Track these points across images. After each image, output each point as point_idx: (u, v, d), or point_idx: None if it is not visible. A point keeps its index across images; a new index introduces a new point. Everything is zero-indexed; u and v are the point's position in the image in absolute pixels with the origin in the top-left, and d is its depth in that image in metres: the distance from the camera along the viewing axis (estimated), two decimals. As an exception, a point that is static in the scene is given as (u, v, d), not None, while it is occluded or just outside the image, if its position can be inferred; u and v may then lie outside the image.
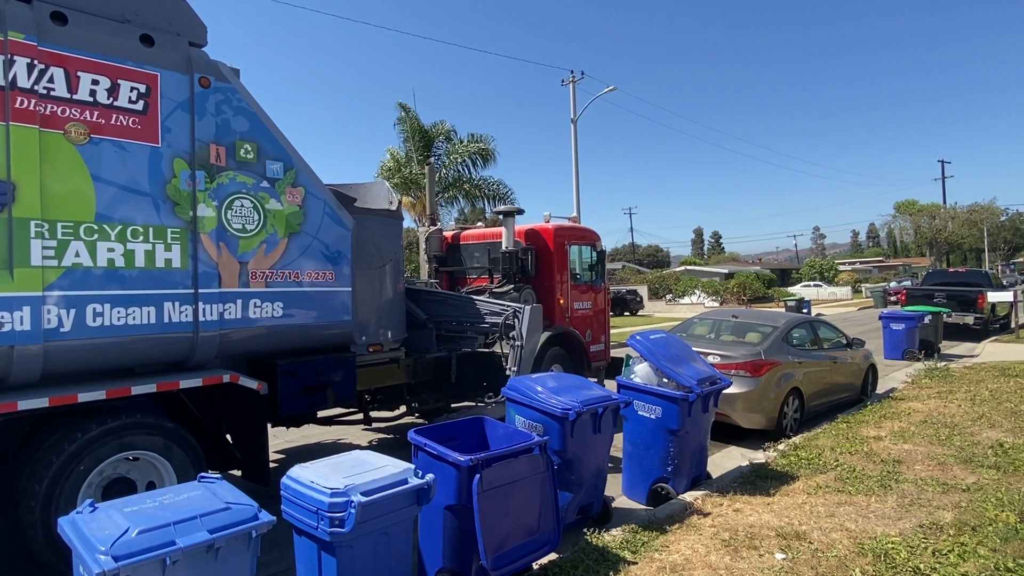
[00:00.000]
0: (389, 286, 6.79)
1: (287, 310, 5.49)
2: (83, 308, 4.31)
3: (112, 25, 4.55)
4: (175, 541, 2.61)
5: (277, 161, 5.41)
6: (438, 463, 3.85)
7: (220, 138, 5.02)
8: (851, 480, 5.99)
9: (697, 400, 5.61)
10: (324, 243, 5.77)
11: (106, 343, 4.44)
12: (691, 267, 63.93)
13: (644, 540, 4.65)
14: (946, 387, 10.64)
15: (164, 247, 4.71)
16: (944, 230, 57.19)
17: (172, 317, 4.75)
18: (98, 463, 4.32)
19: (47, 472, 4.10)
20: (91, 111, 4.37)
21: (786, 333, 8.79)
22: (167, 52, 4.78)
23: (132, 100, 4.56)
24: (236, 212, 5.13)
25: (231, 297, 5.10)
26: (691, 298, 43.14)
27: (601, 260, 10.42)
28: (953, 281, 21.38)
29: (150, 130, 4.65)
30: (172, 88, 4.77)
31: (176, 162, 4.78)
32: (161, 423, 4.65)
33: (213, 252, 4.97)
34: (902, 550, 4.45)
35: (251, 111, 5.26)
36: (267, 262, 5.34)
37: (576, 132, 26.06)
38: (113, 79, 4.47)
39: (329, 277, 5.83)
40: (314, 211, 5.69)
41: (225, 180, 5.06)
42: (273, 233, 5.38)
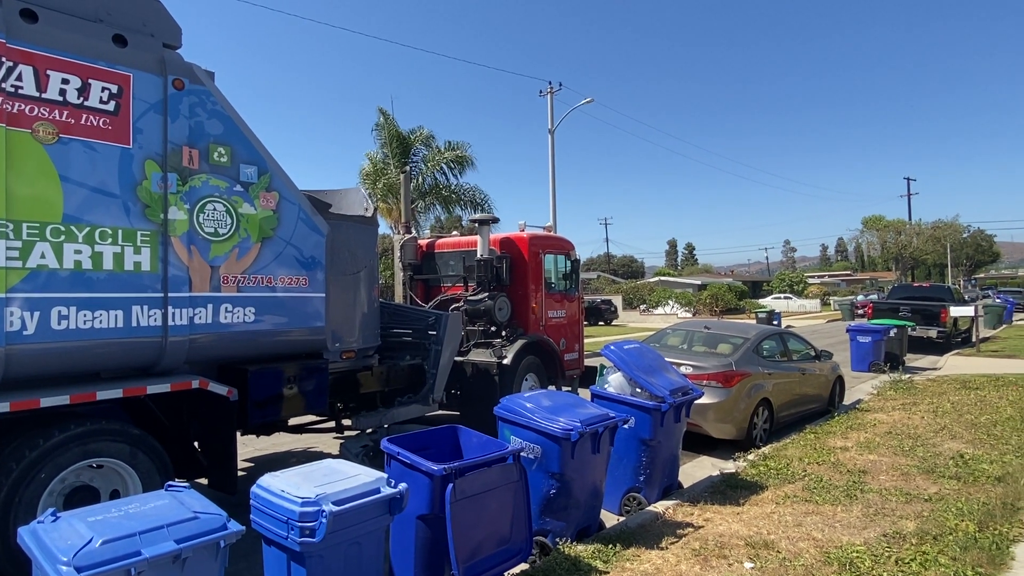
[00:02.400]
0: (363, 293, 6.73)
1: (259, 315, 5.41)
2: (48, 311, 4.20)
3: (84, 24, 4.48)
4: (140, 551, 2.55)
5: (251, 165, 5.36)
6: (411, 472, 3.83)
7: (193, 141, 4.97)
8: (818, 490, 6.10)
9: (669, 410, 5.67)
10: (298, 248, 5.73)
11: (71, 347, 4.33)
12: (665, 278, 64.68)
13: (616, 550, 4.67)
14: (910, 399, 10.90)
15: (133, 250, 4.63)
16: (909, 245, 58.74)
17: (140, 321, 4.66)
18: (60, 471, 4.21)
19: (6, 480, 3.96)
20: (60, 111, 4.29)
21: (756, 345, 8.93)
22: (140, 53, 4.71)
23: (103, 100, 4.48)
24: (208, 216, 5.07)
25: (202, 302, 5.02)
26: (665, 309, 43.62)
27: (575, 269, 10.46)
28: (917, 295, 21.95)
29: (121, 131, 4.58)
30: (145, 89, 4.70)
31: (148, 164, 4.71)
32: (127, 429, 4.54)
33: (184, 256, 4.90)
34: (867, 559, 4.54)
35: (225, 114, 5.20)
36: (239, 267, 5.27)
37: (553, 142, 26.25)
38: (84, 79, 4.39)
39: (302, 283, 5.78)
40: (288, 216, 5.64)
41: (198, 183, 4.99)
42: (246, 237, 5.32)
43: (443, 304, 9.56)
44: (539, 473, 4.69)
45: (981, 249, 69.57)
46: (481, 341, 9.00)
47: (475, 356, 8.73)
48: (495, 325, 9.07)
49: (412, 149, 24.23)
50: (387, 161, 23.91)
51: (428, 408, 7.52)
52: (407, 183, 12.30)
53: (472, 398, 8.59)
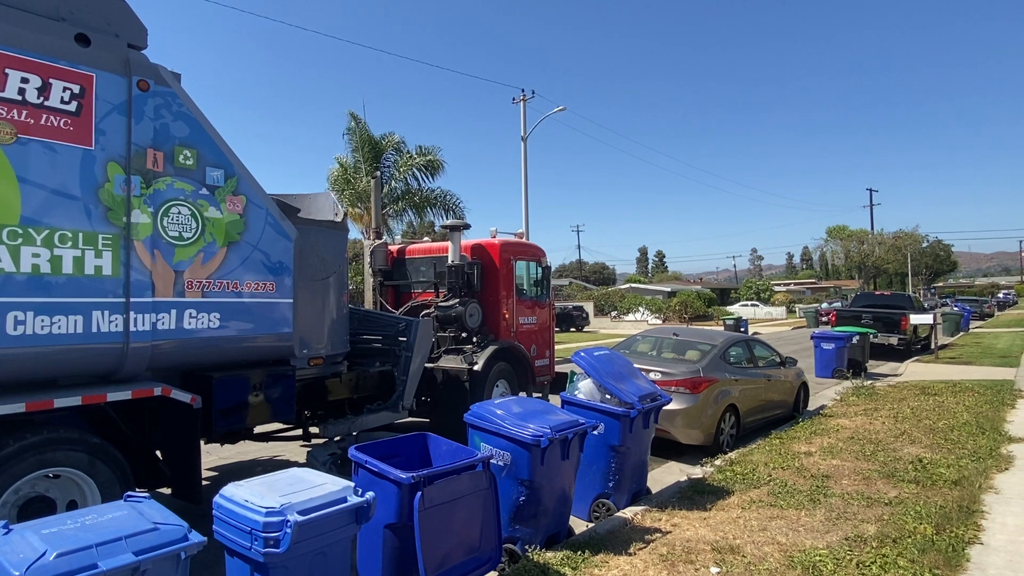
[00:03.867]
0: (332, 299, 6.67)
1: (224, 321, 5.34)
2: (3, 316, 4.10)
3: (45, 23, 4.39)
4: (97, 564, 2.47)
5: (218, 168, 5.29)
6: (379, 480, 3.79)
7: (158, 143, 4.89)
8: (783, 495, 6.20)
9: (638, 416, 5.72)
10: (265, 253, 5.66)
11: (28, 353, 4.22)
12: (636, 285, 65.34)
13: (584, 557, 4.68)
14: (872, 405, 11.17)
15: (95, 254, 4.53)
16: (872, 255, 60.40)
17: (101, 327, 4.56)
18: (14, 481, 4.07)
19: None
20: (19, 110, 4.19)
21: (724, 351, 9.06)
22: (104, 53, 4.63)
23: (64, 100, 4.39)
24: (173, 219, 4.99)
25: (165, 307, 4.94)
26: (635, 315, 44.04)
27: (546, 276, 10.52)
28: (879, 303, 22.50)
29: (83, 132, 4.49)
30: (108, 90, 4.62)
31: (110, 166, 4.62)
32: (85, 438, 4.42)
33: (147, 260, 4.82)
34: (829, 562, 4.63)
35: (192, 116, 5.13)
36: (204, 271, 5.20)
37: (526, 150, 26.35)
38: (44, 78, 4.30)
39: (269, 288, 5.71)
40: (255, 220, 5.58)
41: (162, 186, 4.91)
42: (212, 242, 5.25)
43: (414, 310, 9.52)
44: (509, 480, 4.69)
45: (940, 259, 71.84)
46: (452, 347, 8.96)
47: (446, 363, 8.68)
48: (466, 331, 9.04)
49: (383, 154, 24.07)
50: (358, 166, 23.71)
51: (398, 415, 7.47)
52: (378, 188, 12.25)
53: (442, 405, 8.54)
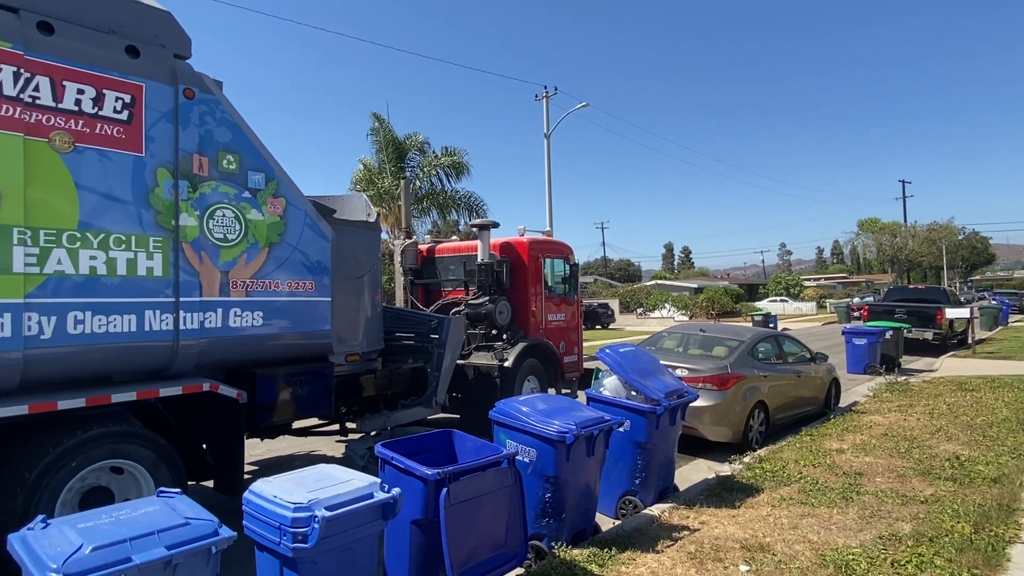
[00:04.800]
0: (367, 297, 6.81)
1: (267, 320, 5.49)
2: (64, 315, 4.29)
3: (98, 36, 4.56)
4: (131, 558, 2.52)
5: (259, 172, 5.45)
6: (405, 477, 3.81)
7: (203, 149, 5.06)
8: (814, 492, 6.09)
9: (665, 413, 5.66)
10: (304, 254, 5.81)
11: (86, 351, 4.41)
12: (661, 281, 64.77)
13: (611, 554, 4.65)
14: (906, 401, 10.92)
15: (146, 256, 4.72)
16: (905, 248, 58.98)
17: (153, 326, 4.74)
18: (77, 472, 4.26)
19: (23, 486, 4.02)
20: (76, 120, 4.38)
21: (752, 347, 8.93)
22: (152, 63, 4.81)
23: (117, 110, 4.58)
24: (218, 222, 5.16)
25: (212, 306, 5.10)
26: (661, 312, 43.67)
27: (574, 273, 10.59)
28: (913, 297, 21.98)
29: (134, 140, 4.68)
30: (157, 99, 4.80)
31: (159, 172, 4.81)
32: (140, 432, 4.59)
33: (195, 261, 4.98)
34: (862, 561, 4.53)
35: (234, 122, 5.30)
36: (248, 272, 5.35)
37: (549, 147, 26.28)
38: (98, 89, 4.49)
39: (309, 287, 5.84)
40: (294, 222, 5.72)
41: (207, 190, 5.09)
42: (254, 243, 5.41)
43: (444, 308, 9.63)
44: (534, 477, 4.68)
45: (977, 251, 69.93)
46: (482, 344, 9.05)
47: (476, 359, 8.79)
48: (496, 328, 9.13)
49: (407, 155, 24.23)
50: (382, 167, 23.90)
51: (431, 411, 7.58)
52: (407, 189, 12.46)
53: (474, 401, 8.63)
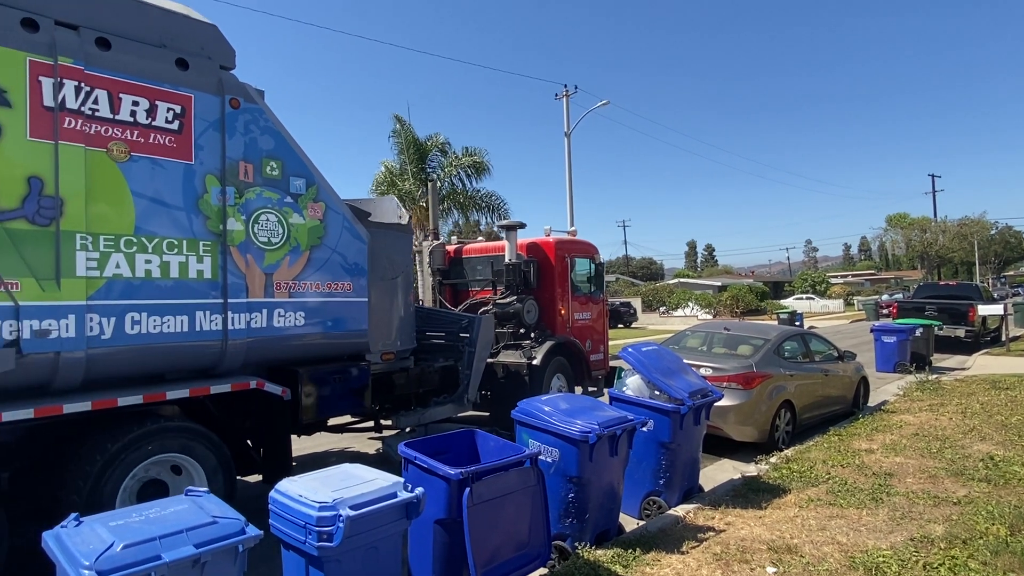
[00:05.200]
0: (400, 297, 6.98)
1: (308, 319, 5.68)
2: (122, 316, 4.51)
3: (150, 49, 4.78)
4: (161, 555, 2.57)
5: (300, 177, 5.64)
6: (428, 476, 3.82)
7: (248, 156, 5.26)
8: (843, 493, 5.99)
9: (689, 413, 5.61)
10: (343, 255, 6.00)
11: (143, 350, 4.64)
12: (684, 280, 64.23)
13: (635, 555, 4.62)
14: (937, 400, 10.68)
15: (196, 259, 4.93)
16: (935, 243, 57.71)
17: (203, 326, 4.95)
18: (135, 466, 4.47)
19: (87, 478, 4.22)
20: (131, 130, 4.60)
21: (778, 346, 8.81)
22: (200, 75, 5.01)
23: (168, 120, 4.79)
24: (262, 226, 5.36)
25: (257, 307, 5.30)
26: (684, 311, 43.31)
27: (600, 272, 10.68)
28: (944, 294, 21.51)
29: (184, 148, 4.89)
30: (205, 109, 5.00)
31: (208, 178, 5.01)
32: (193, 428, 4.82)
33: (241, 264, 5.19)
34: (893, 564, 4.45)
35: (276, 130, 5.49)
36: (290, 273, 5.56)
37: (570, 146, 26.22)
38: (151, 100, 4.71)
39: (347, 288, 6.02)
40: (333, 225, 5.92)
41: (252, 195, 5.29)
42: (296, 246, 5.61)
43: (472, 308, 9.76)
44: (557, 477, 4.67)
45: (1010, 246, 68.06)
46: (510, 343, 9.15)
47: (505, 357, 8.88)
48: (524, 327, 9.23)
49: (428, 155, 24.34)
50: (404, 168, 24.04)
51: (463, 408, 7.71)
52: (434, 191, 12.66)
53: (503, 399, 8.69)
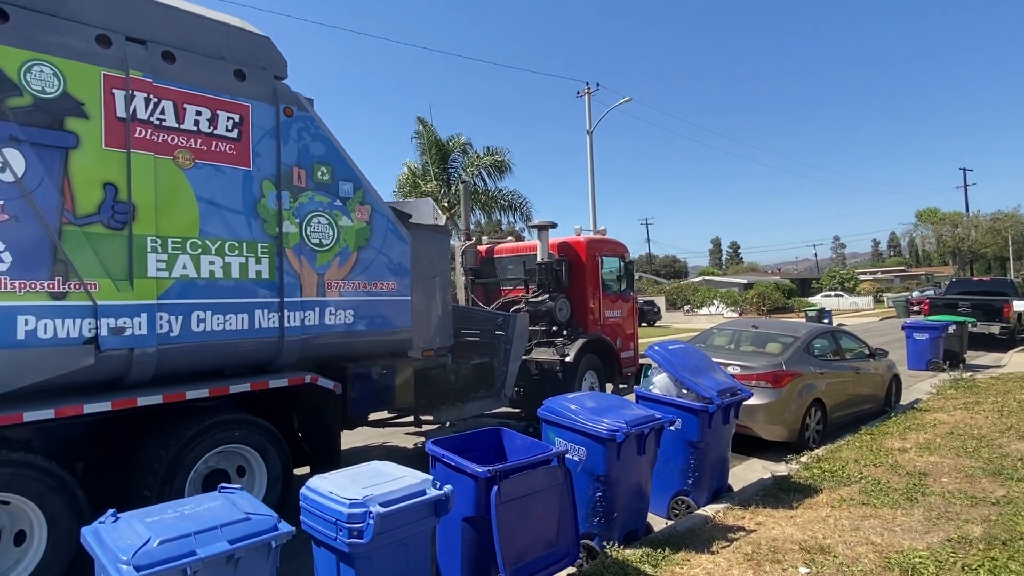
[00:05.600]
0: (439, 296, 7.18)
1: (357, 317, 5.92)
2: (189, 315, 4.77)
3: (211, 62, 5.03)
4: (196, 551, 2.61)
5: (348, 181, 5.90)
6: (456, 474, 3.83)
7: (301, 161, 5.52)
8: (876, 493, 5.88)
9: (717, 411, 5.55)
10: (387, 256, 6.24)
11: (207, 347, 4.88)
12: (709, 277, 63.54)
13: (664, 554, 4.59)
14: (972, 398, 10.43)
15: (255, 260, 5.19)
16: (967, 239, 56.25)
17: (262, 323, 5.20)
18: (201, 456, 4.72)
19: (160, 466, 4.49)
20: (195, 139, 4.86)
21: (807, 343, 8.67)
22: (256, 85, 5.26)
23: (228, 129, 5.05)
24: (314, 228, 5.61)
25: (310, 305, 5.55)
26: (709, 309, 42.82)
27: (630, 271, 10.83)
28: (977, 290, 21.00)
29: (243, 155, 5.14)
30: (261, 117, 5.26)
31: (264, 184, 5.27)
32: (254, 420, 5.06)
33: (296, 265, 5.45)
34: (930, 564, 4.35)
35: (326, 137, 5.73)
36: (340, 273, 5.80)
37: (592, 144, 26.12)
38: (213, 110, 4.97)
39: (392, 287, 6.27)
40: (379, 227, 6.16)
41: (305, 199, 5.54)
42: (345, 247, 5.86)
43: (504, 306, 9.87)
44: (584, 475, 4.65)
45: (1045, 241, 66.03)
46: (543, 340, 9.24)
47: (538, 355, 8.98)
48: (556, 325, 9.32)
49: (450, 156, 24.44)
50: (426, 168, 24.16)
51: (500, 403, 7.87)
52: (466, 193, 12.90)
53: (536, 395, 8.75)
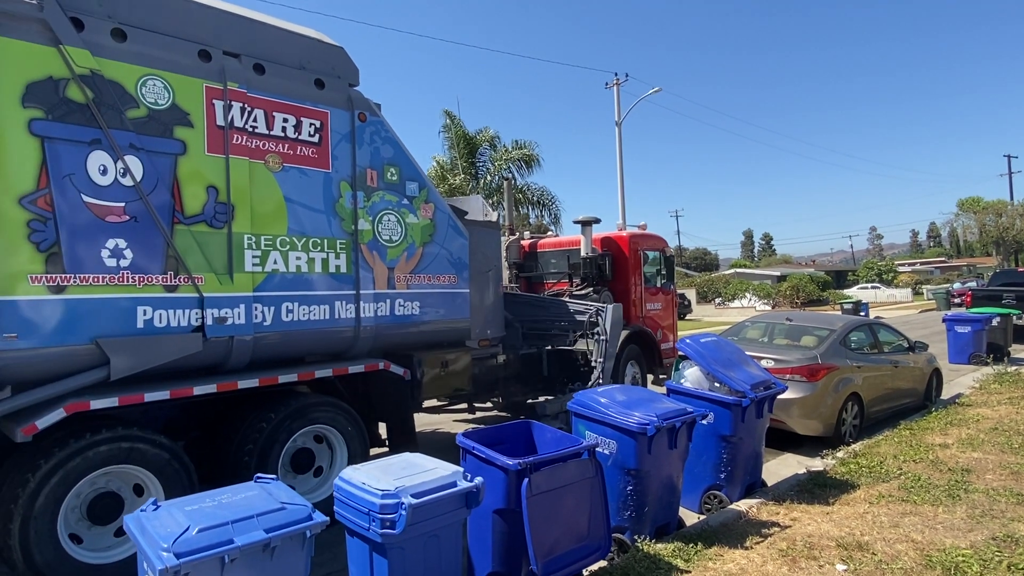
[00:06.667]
0: (492, 289, 7.50)
1: (422, 308, 6.32)
2: (279, 306, 5.19)
3: (294, 72, 5.41)
4: (233, 540, 2.67)
5: (413, 181, 6.27)
6: (486, 467, 3.83)
7: (373, 163, 5.90)
8: (916, 489, 5.73)
9: (751, 405, 5.46)
10: (449, 251, 6.62)
11: (294, 335, 5.30)
12: (741, 270, 62.49)
13: (697, 549, 4.54)
14: (1018, 392, 10.09)
15: (335, 255, 5.59)
16: (1012, 228, 54.27)
17: (340, 314, 5.60)
18: (293, 435, 5.21)
19: (255, 445, 4.96)
20: (283, 144, 5.25)
21: (844, 336, 8.48)
22: (334, 93, 5.63)
23: (311, 134, 5.44)
24: (385, 225, 5.99)
25: (382, 297, 5.95)
26: (741, 302, 42.15)
27: (669, 264, 11.00)
28: (1022, 281, 20.29)
29: (323, 158, 5.54)
30: (338, 123, 5.64)
31: (342, 184, 5.65)
32: (338, 403, 5.57)
33: (370, 260, 5.85)
34: (974, 563, 4.22)
35: (394, 140, 6.09)
36: (407, 267, 6.19)
37: (620, 135, 25.89)
38: (297, 117, 5.35)
39: (452, 280, 6.64)
40: (441, 224, 6.54)
41: (377, 199, 5.93)
42: (412, 243, 6.24)
43: None
44: (614, 469, 4.62)
45: (1096, 229, 63.43)
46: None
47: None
48: None
49: (478, 149, 24.44)
50: (454, 163, 24.20)
51: None
52: (510, 189, 13.26)
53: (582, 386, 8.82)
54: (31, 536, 3.90)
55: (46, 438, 4.09)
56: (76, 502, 4.21)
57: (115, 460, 4.28)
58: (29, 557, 3.91)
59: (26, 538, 3.89)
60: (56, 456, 4.03)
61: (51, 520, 4.00)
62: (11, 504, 3.91)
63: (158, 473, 4.43)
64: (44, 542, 3.96)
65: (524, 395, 8.47)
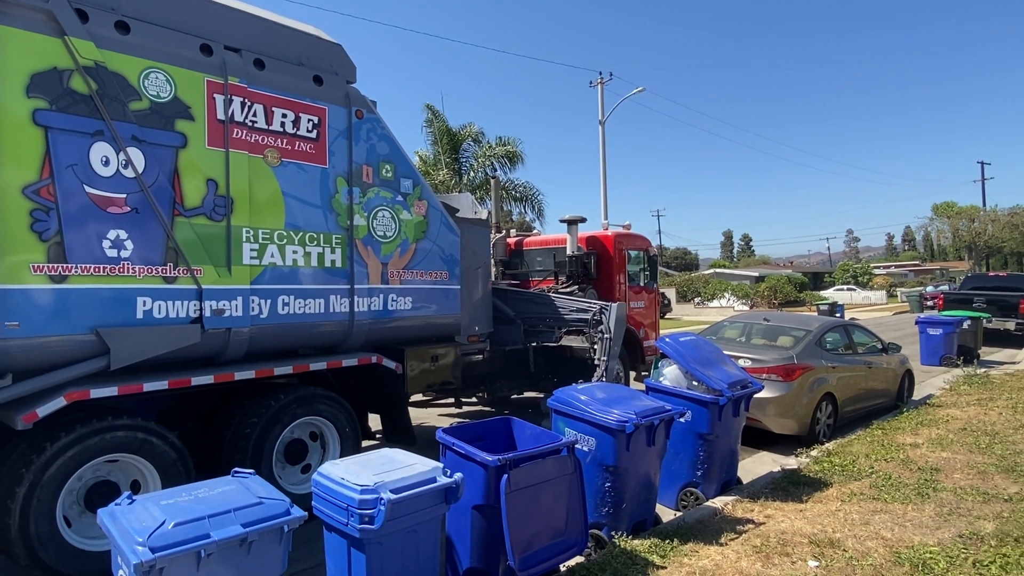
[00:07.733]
0: (481, 286, 7.69)
1: (415, 303, 6.42)
2: (276, 299, 5.26)
3: (293, 68, 5.46)
4: (210, 534, 2.65)
5: (407, 178, 6.35)
6: (466, 462, 3.85)
7: (369, 160, 5.97)
8: (887, 488, 5.88)
9: (728, 404, 5.55)
10: (441, 248, 6.72)
11: (290, 327, 5.39)
12: (720, 270, 63.17)
13: (673, 545, 4.62)
14: (986, 394, 10.37)
15: (330, 250, 5.66)
16: (984, 233, 55.46)
17: (335, 308, 5.68)
18: (288, 426, 5.31)
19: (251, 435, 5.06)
20: (282, 139, 5.31)
21: (819, 337, 8.65)
22: (332, 89, 5.69)
23: (309, 130, 5.50)
24: (379, 221, 6.07)
25: (376, 292, 6.04)
26: (720, 301, 42.64)
27: (653, 264, 11.14)
28: (993, 286, 20.74)
29: (320, 154, 5.60)
30: (336, 119, 5.71)
31: (338, 180, 5.72)
32: (331, 395, 5.68)
33: (364, 255, 5.92)
34: (941, 560, 4.35)
35: (390, 137, 6.16)
36: (401, 263, 6.27)
37: (604, 134, 26.00)
38: (296, 112, 5.41)
39: (444, 277, 6.75)
40: (434, 221, 6.63)
41: (372, 195, 6.00)
42: (405, 239, 6.32)
43: None
44: (593, 466, 4.67)
45: (1064, 236, 64.98)
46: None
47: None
48: None
49: (462, 145, 24.34)
50: (437, 158, 24.08)
51: None
52: (497, 186, 13.25)
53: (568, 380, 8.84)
54: (32, 503, 3.98)
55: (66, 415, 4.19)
56: (78, 484, 4.30)
57: (129, 448, 4.40)
58: (25, 524, 3.96)
59: (28, 504, 3.97)
60: (76, 431, 4.17)
61: (55, 492, 4.10)
62: (22, 468, 3.99)
63: (161, 470, 4.53)
64: (43, 513, 4.03)
65: (510, 390, 8.55)
